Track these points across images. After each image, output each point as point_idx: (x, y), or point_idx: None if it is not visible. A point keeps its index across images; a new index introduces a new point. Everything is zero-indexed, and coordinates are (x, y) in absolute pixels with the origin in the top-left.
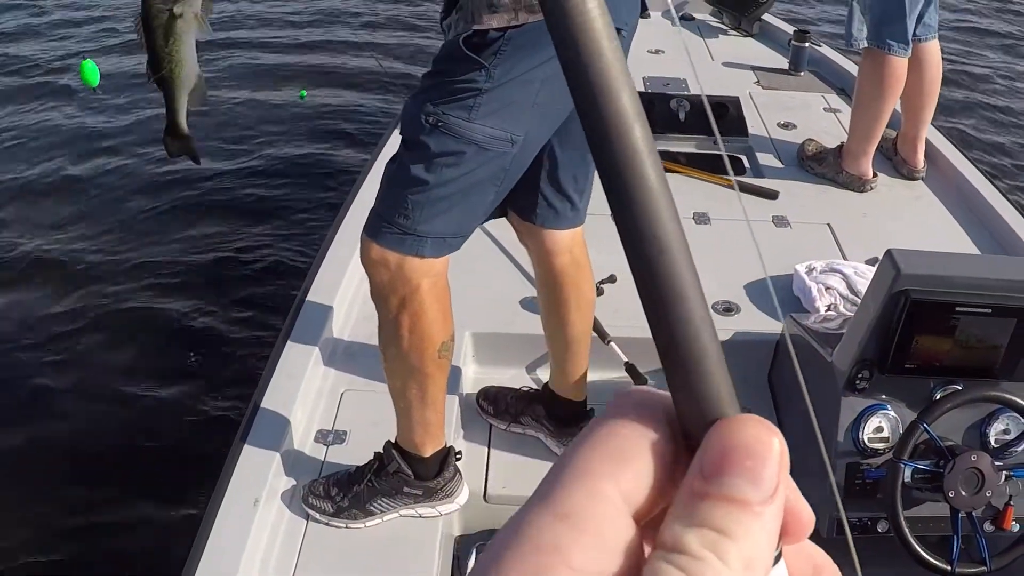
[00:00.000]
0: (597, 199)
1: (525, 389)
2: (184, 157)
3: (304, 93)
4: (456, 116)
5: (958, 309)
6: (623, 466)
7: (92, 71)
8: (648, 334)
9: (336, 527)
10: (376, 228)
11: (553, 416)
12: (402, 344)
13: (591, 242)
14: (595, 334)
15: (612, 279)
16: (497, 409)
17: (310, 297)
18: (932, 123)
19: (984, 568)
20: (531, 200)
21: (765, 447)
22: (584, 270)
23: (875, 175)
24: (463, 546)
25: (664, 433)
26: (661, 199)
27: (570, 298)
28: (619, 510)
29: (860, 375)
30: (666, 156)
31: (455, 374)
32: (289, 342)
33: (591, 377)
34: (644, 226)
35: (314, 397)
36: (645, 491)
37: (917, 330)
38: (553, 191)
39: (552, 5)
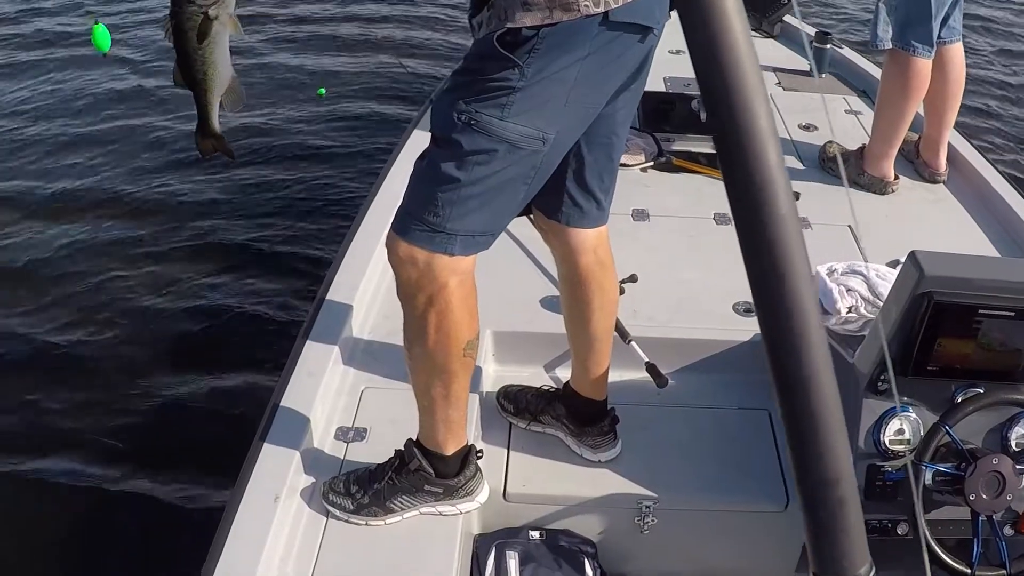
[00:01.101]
0: (618, 199)
1: (545, 388)
2: (218, 154)
3: (323, 91)
4: (489, 114)
5: (981, 312)
6: None
7: (104, 36)
8: (667, 333)
9: (356, 524)
10: (405, 225)
11: (573, 415)
12: (428, 342)
13: (612, 241)
14: (616, 333)
15: (633, 278)
16: (517, 408)
17: (331, 294)
18: (954, 127)
19: (1004, 572)
20: (557, 199)
21: None
22: (608, 270)
23: (897, 178)
24: (482, 544)
25: None
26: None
27: (594, 298)
28: None
29: (882, 377)
30: (686, 156)
31: (476, 372)
32: (309, 340)
33: (611, 377)
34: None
35: (334, 394)
36: None
37: (940, 332)
38: (579, 190)
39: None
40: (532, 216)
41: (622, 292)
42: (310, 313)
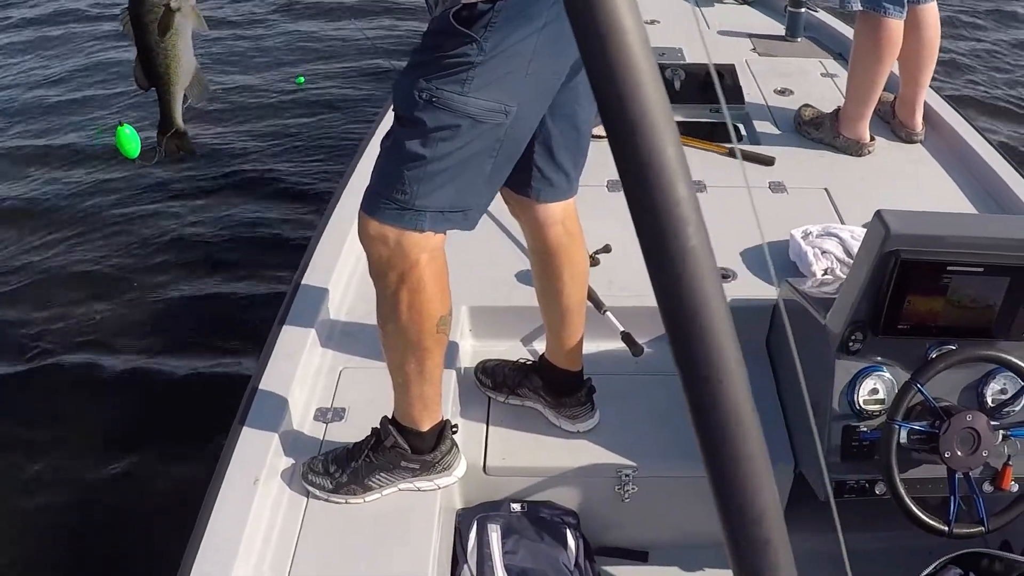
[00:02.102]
0: (592, 170)
1: (522, 361)
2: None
3: (302, 79)
4: (450, 91)
5: (949, 268)
6: None
7: (131, 139)
8: (642, 303)
9: (336, 503)
10: (374, 204)
11: (550, 387)
12: (401, 319)
13: (585, 212)
14: (591, 304)
15: (607, 249)
16: (495, 382)
17: (306, 278)
18: (930, 86)
19: (982, 528)
20: (526, 175)
21: None
22: (577, 240)
23: (872, 139)
24: (464, 519)
25: None
26: None
27: (564, 269)
28: None
29: (853, 337)
30: None
31: (452, 348)
32: (286, 324)
33: (587, 347)
34: None
35: (313, 376)
36: None
37: (908, 290)
38: (548, 163)
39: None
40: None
41: (596, 263)
42: (286, 297)
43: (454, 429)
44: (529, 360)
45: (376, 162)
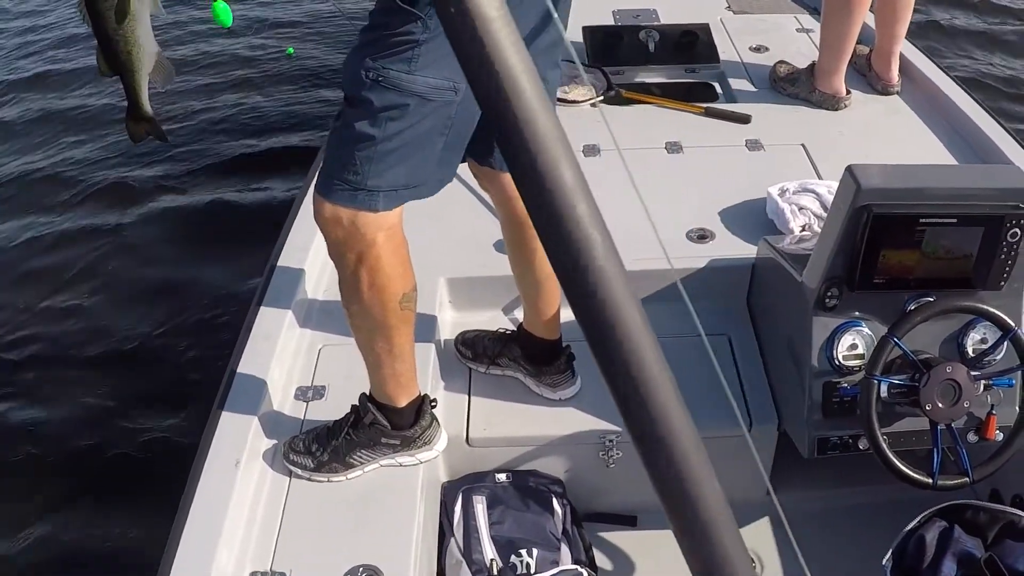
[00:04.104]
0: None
1: (501, 331)
2: (150, 138)
3: (292, 50)
4: (396, 69)
5: (922, 221)
6: None
7: (225, 11)
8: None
9: (318, 481)
10: (327, 186)
11: (529, 356)
12: (363, 299)
13: None
14: None
15: None
16: (475, 353)
17: (283, 258)
18: (906, 37)
19: (966, 479)
20: (487, 145)
21: None
22: None
23: (849, 92)
24: (449, 491)
25: None
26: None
27: (535, 240)
28: None
29: (829, 293)
30: (637, 88)
31: (431, 321)
32: (263, 305)
33: (567, 314)
34: None
35: (292, 355)
36: None
37: (882, 245)
38: None
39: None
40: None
41: None
42: (264, 276)
43: (433, 403)
44: (508, 330)
45: (328, 143)
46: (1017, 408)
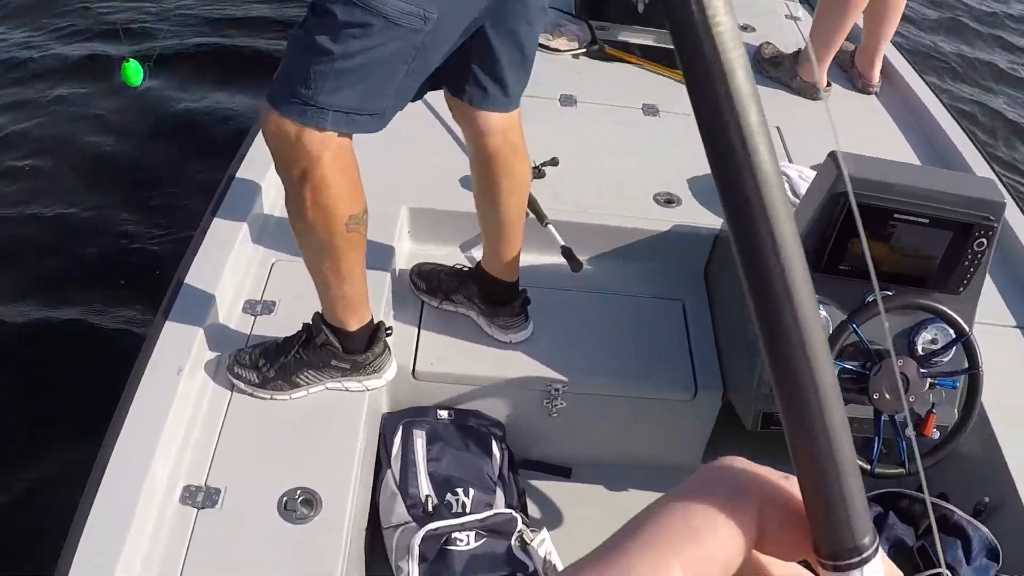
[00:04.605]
0: (545, 83)
1: (459, 267)
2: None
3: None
4: None
5: (896, 216)
6: (692, 543)
7: (136, 72)
8: (585, 219)
9: (260, 398)
10: (277, 96)
11: (485, 296)
12: (307, 217)
13: (536, 124)
14: (533, 215)
15: (554, 162)
16: (430, 286)
17: (242, 169)
18: (892, 40)
19: (902, 471)
20: (462, 77)
21: None
22: (519, 153)
23: (829, 85)
24: (389, 422)
25: (747, 517)
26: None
27: (502, 180)
28: None
29: None
30: (621, 46)
31: (388, 249)
32: (218, 215)
33: (526, 259)
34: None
35: (244, 267)
36: (711, 570)
37: (854, 232)
38: (485, 74)
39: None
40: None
41: (541, 175)
42: (220, 188)
43: (389, 331)
44: (466, 266)
45: (286, 49)
46: (956, 410)
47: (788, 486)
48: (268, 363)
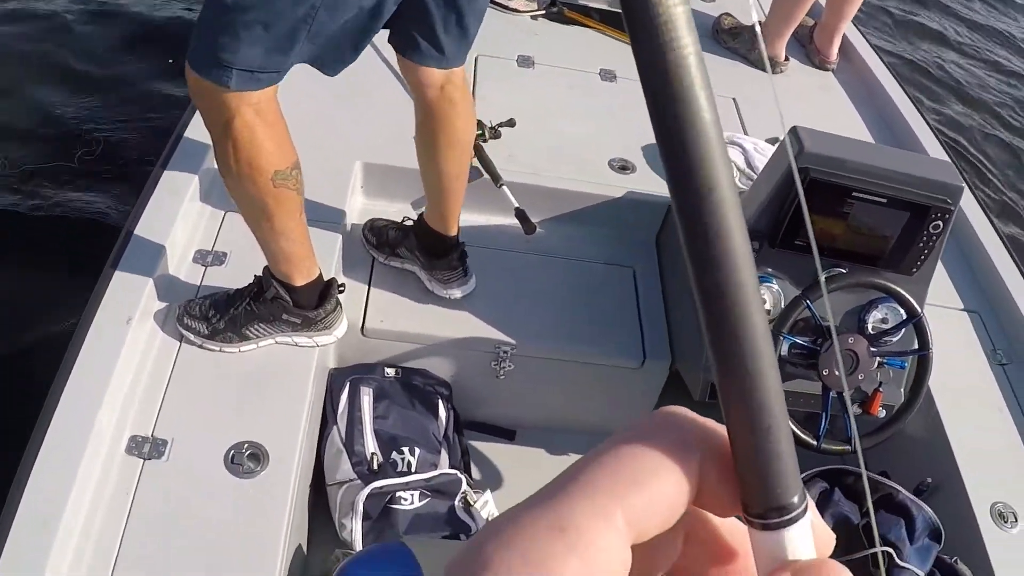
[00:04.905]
0: (503, 44)
1: (406, 221)
2: None
3: None
4: None
5: (854, 194)
6: (634, 490)
7: None
8: (540, 181)
9: (209, 350)
10: (190, 52)
11: (424, 248)
12: (232, 172)
13: (493, 85)
14: (488, 176)
15: (511, 123)
16: (379, 241)
17: (195, 120)
18: (853, 20)
19: (848, 448)
20: (399, 32)
21: None
22: (458, 109)
23: (787, 59)
24: (336, 378)
25: (688, 464)
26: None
27: (439, 135)
28: (618, 532)
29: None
30: (580, 9)
31: (339, 204)
32: (169, 166)
33: (479, 220)
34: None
35: (195, 217)
36: (652, 518)
37: (812, 209)
38: (416, 31)
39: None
40: None
41: (497, 136)
42: (172, 138)
43: (341, 288)
44: (412, 220)
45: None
46: (903, 390)
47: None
48: (218, 315)
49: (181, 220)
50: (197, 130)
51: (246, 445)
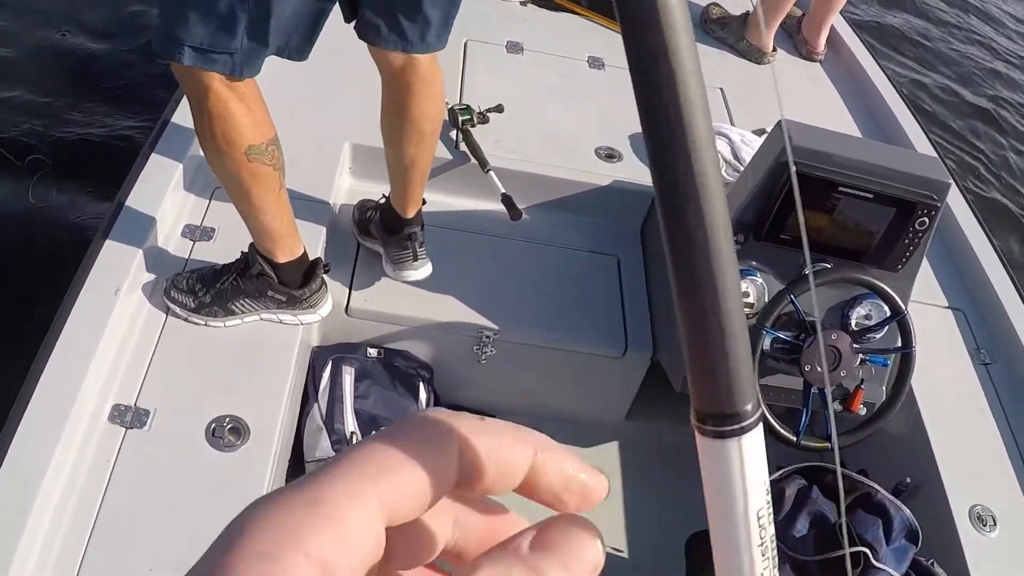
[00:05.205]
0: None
1: (382, 200)
2: None
3: None
4: None
5: (841, 189)
6: (387, 474)
7: None
8: (527, 168)
9: (195, 323)
10: (153, 30)
11: (384, 227)
12: (209, 147)
13: (482, 71)
14: (475, 161)
15: (499, 108)
16: (359, 218)
17: (184, 102)
18: (842, 12)
19: (828, 445)
20: (365, 23)
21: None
22: (415, 95)
23: (775, 50)
24: (319, 356)
25: (440, 457)
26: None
27: (395, 119)
28: (372, 511)
29: (735, 238)
30: None
31: (327, 184)
32: (160, 142)
33: (466, 205)
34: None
35: (184, 192)
36: (404, 502)
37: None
38: (375, 15)
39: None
40: None
41: (485, 121)
42: (161, 118)
43: (327, 268)
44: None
45: None
46: (884, 388)
47: (485, 427)
48: (205, 289)
49: (171, 194)
50: (187, 107)
51: (228, 419)
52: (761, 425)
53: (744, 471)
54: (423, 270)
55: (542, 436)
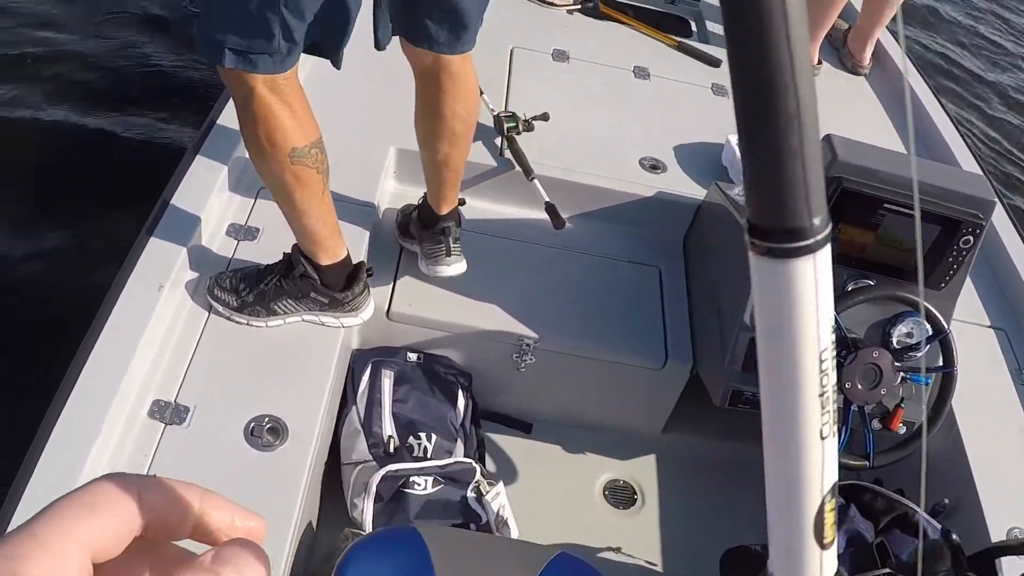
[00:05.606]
0: (539, 38)
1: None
2: None
3: None
4: None
5: (886, 206)
6: (91, 514)
7: None
8: (571, 177)
9: (237, 323)
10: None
11: (420, 221)
12: (253, 149)
13: (529, 78)
14: (520, 168)
15: (545, 117)
16: (401, 221)
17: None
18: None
19: (866, 463)
20: (395, 11)
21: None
22: (448, 97)
23: (820, 63)
24: (359, 359)
25: (130, 500)
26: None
27: (428, 118)
28: (78, 544)
29: None
30: (615, 6)
31: (371, 188)
32: (208, 139)
33: (510, 213)
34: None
35: (230, 192)
36: (105, 539)
37: (843, 219)
38: (407, 8)
39: None
40: None
41: (531, 129)
42: (211, 113)
43: (370, 272)
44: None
45: None
46: (924, 407)
47: (156, 483)
48: (248, 288)
49: (216, 194)
50: (234, 109)
51: (266, 419)
52: (829, 245)
53: (818, 294)
54: (456, 266)
55: (203, 488)
